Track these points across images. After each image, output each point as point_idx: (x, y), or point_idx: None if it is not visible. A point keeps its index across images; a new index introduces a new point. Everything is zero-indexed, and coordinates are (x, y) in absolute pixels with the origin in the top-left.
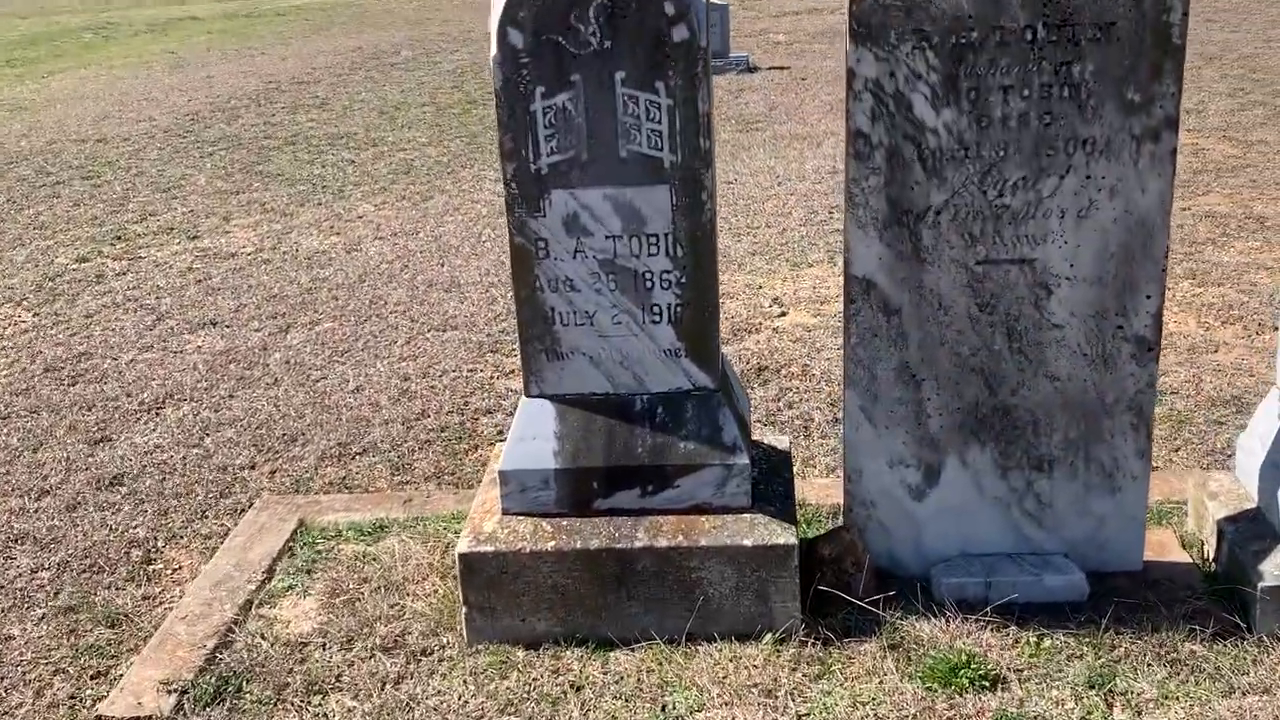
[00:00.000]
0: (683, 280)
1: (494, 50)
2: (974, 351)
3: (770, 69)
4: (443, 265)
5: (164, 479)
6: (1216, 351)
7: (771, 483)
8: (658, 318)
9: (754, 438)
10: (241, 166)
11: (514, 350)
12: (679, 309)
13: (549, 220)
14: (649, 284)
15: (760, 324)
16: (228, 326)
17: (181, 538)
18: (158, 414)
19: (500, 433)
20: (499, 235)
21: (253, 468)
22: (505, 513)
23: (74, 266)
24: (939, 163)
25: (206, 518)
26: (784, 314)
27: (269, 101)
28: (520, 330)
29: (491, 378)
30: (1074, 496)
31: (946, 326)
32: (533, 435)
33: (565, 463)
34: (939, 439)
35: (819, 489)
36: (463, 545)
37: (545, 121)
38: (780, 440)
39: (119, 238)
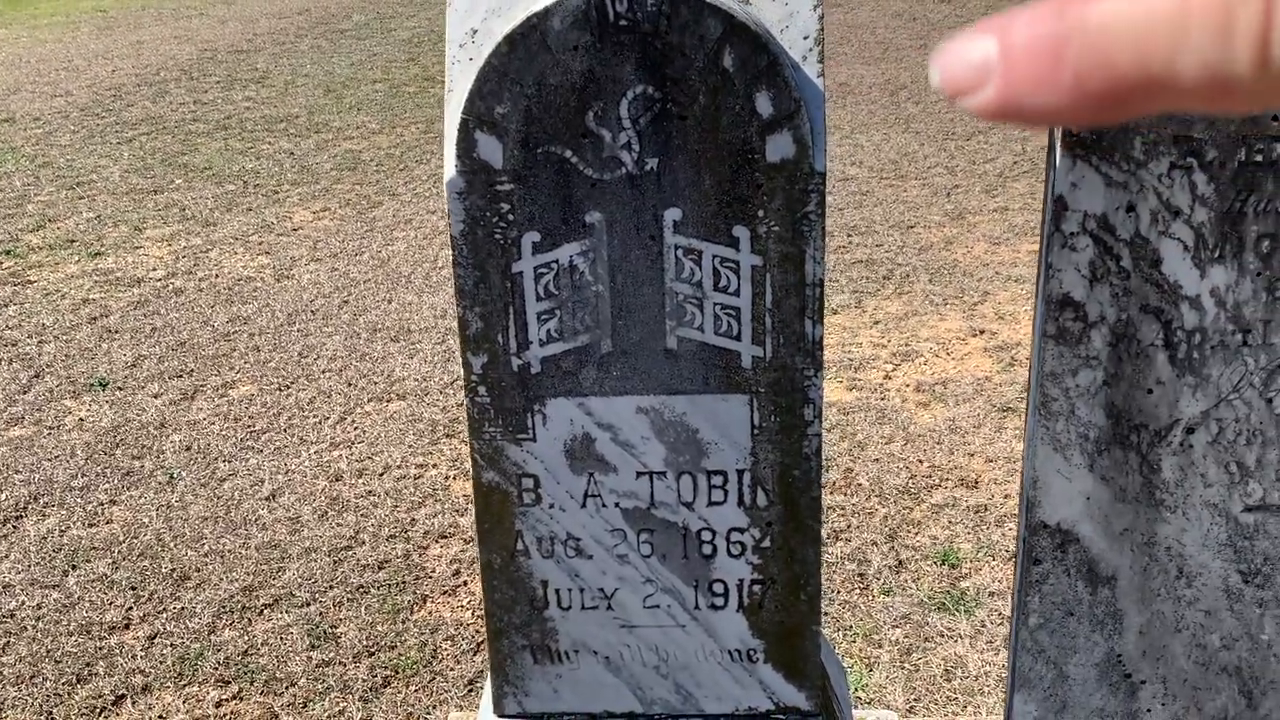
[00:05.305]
0: (765, 544)
1: (450, 170)
2: (1228, 643)
3: None
4: (390, 301)
5: (5, 645)
6: None
7: None
8: (721, 601)
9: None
10: (163, 157)
11: None
12: (757, 588)
13: (542, 447)
14: (709, 549)
15: None
16: (120, 389)
17: None
18: (16, 527)
19: (457, 573)
20: None
21: (126, 627)
22: None
23: None
24: (1200, 352)
25: None
26: None
27: (202, 74)
28: (488, 616)
29: (447, 477)
30: None
31: (1188, 604)
32: None
33: None
34: None
35: None
36: None
37: (539, 289)
38: None
39: (9, 253)
